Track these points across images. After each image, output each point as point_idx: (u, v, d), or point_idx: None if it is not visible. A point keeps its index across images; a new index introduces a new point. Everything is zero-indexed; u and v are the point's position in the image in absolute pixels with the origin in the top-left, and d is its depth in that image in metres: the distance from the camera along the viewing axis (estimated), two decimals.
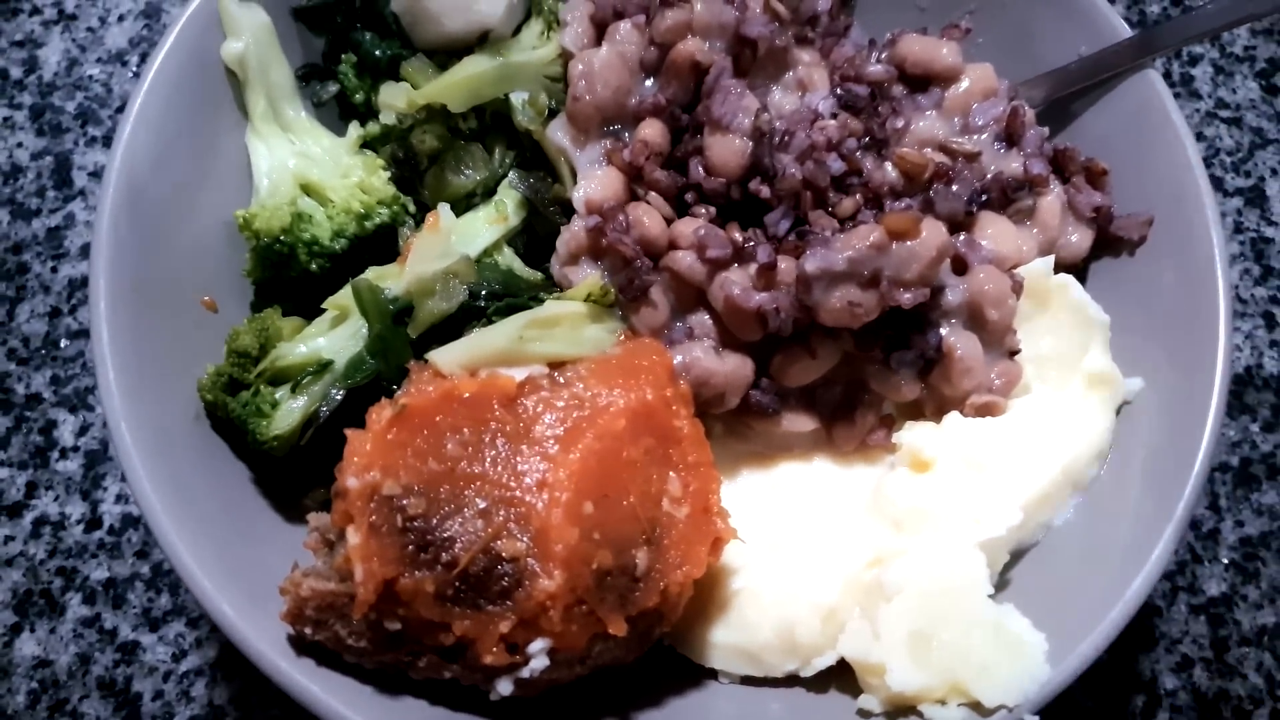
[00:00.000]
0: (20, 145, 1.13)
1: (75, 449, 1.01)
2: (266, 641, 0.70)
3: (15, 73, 1.16)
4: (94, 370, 0.74)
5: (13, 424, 1.01)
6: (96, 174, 1.12)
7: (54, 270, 1.08)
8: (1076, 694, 0.97)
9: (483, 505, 0.68)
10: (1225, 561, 1.04)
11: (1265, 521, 1.06)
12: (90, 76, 1.16)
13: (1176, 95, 1.24)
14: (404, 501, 0.67)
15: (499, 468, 0.70)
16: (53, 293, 1.07)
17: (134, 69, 1.17)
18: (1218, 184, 1.22)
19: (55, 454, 1.01)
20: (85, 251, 1.08)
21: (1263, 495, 1.06)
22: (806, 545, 0.80)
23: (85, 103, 1.15)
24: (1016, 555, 0.83)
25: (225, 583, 0.71)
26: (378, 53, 0.90)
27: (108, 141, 1.13)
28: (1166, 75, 1.26)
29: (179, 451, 0.77)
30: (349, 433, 0.69)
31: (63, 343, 1.05)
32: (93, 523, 0.98)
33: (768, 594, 0.79)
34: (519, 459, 0.70)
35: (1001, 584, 0.81)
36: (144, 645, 0.94)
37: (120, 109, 1.15)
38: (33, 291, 1.07)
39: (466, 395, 0.71)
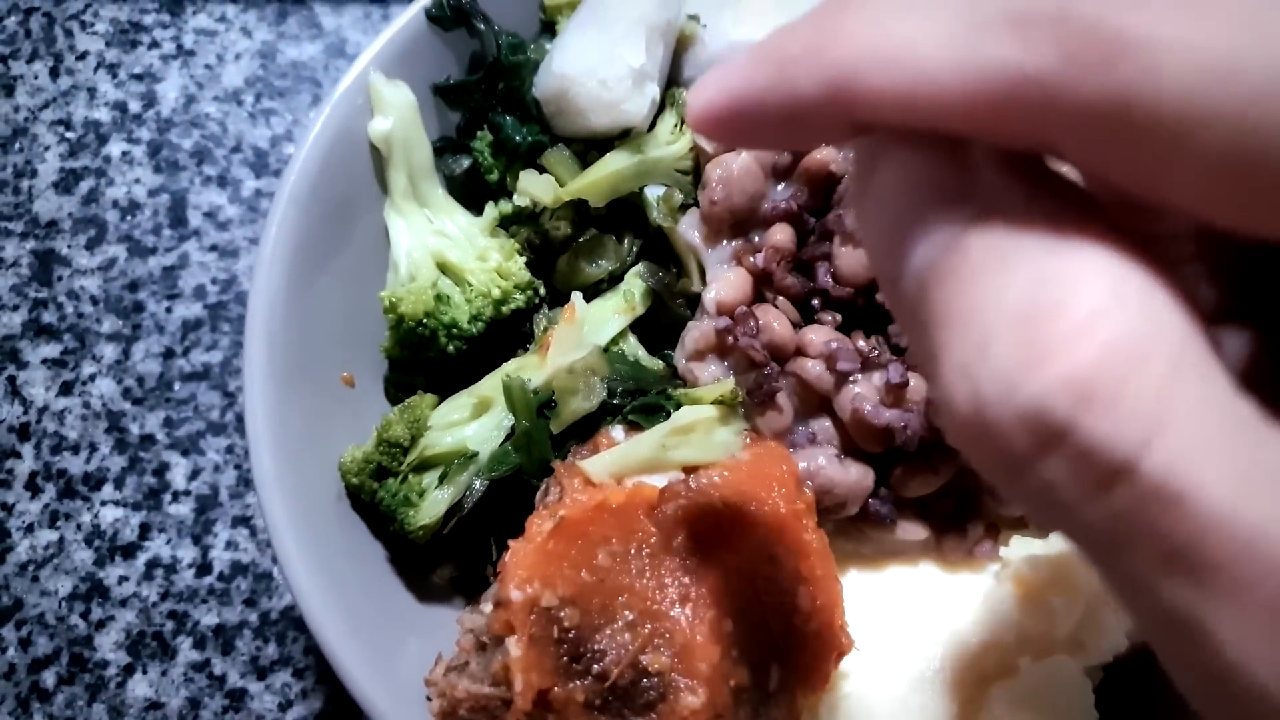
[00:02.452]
0: (138, 181, 1.15)
1: (187, 493, 1.04)
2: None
3: (134, 106, 1.18)
4: (249, 451, 0.77)
5: (128, 464, 1.04)
6: (211, 214, 1.14)
7: (169, 310, 1.10)
8: None
9: (630, 618, 0.71)
10: None
11: None
12: (207, 114, 1.18)
13: None
14: (561, 613, 0.70)
15: (644, 580, 0.73)
16: (167, 333, 1.09)
17: (249, 109, 1.19)
18: None
19: (168, 496, 1.03)
20: (199, 293, 1.11)
21: None
22: (914, 655, 0.84)
23: (201, 141, 1.17)
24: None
25: (371, 667, 0.74)
26: (517, 138, 0.92)
27: (222, 181, 1.15)
28: None
29: (325, 533, 0.80)
30: (512, 544, 0.72)
31: (176, 385, 1.07)
32: (203, 568, 1.01)
33: (875, 703, 0.82)
34: (663, 571, 0.73)
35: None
36: (251, 693, 0.97)
37: (235, 149, 1.17)
38: (148, 331, 1.09)
39: (616, 506, 0.74)
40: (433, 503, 0.79)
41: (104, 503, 1.02)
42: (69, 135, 1.16)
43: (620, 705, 0.71)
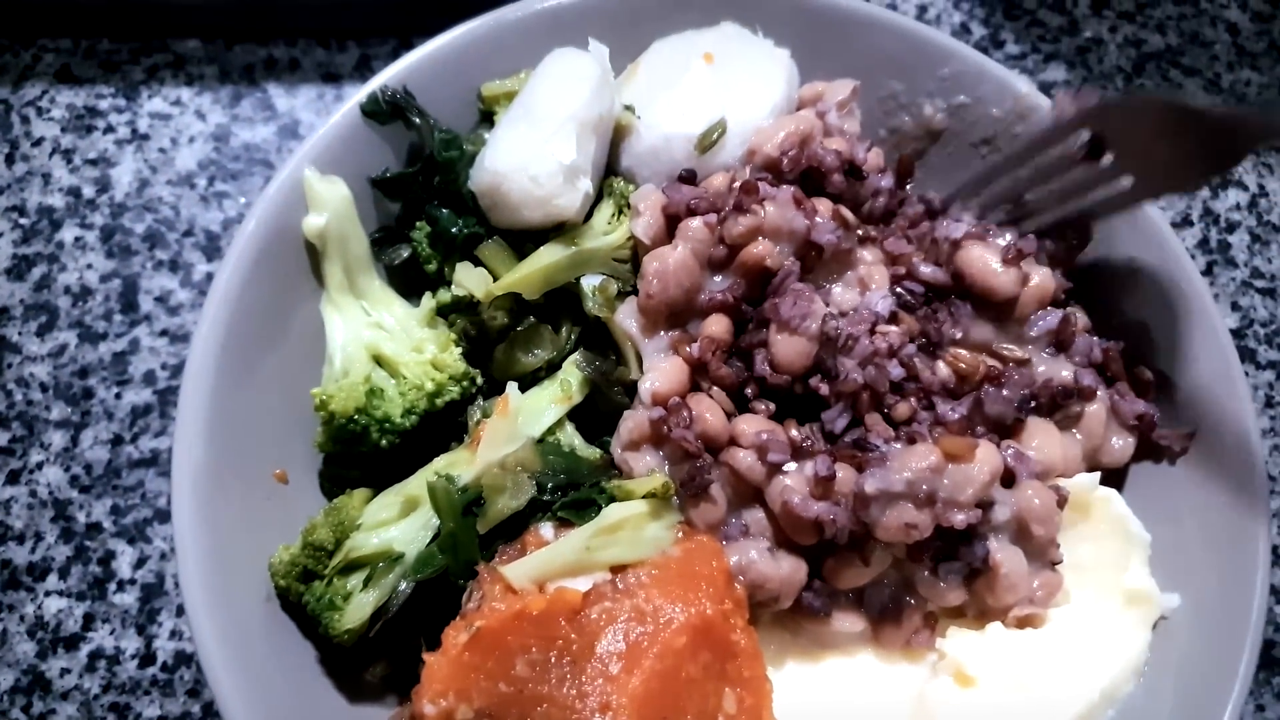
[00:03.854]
0: (90, 266, 1.16)
1: (133, 581, 1.03)
2: None
3: (88, 191, 1.19)
4: (176, 553, 0.77)
5: (73, 553, 1.04)
6: (161, 299, 1.15)
7: (118, 397, 1.10)
8: None
9: None
10: None
11: None
12: (160, 198, 1.19)
13: (1213, 264, 1.28)
14: None
15: (565, 689, 0.72)
16: (115, 419, 1.10)
17: (201, 192, 1.20)
18: (1250, 355, 1.25)
19: (113, 585, 1.03)
20: (148, 378, 1.11)
21: None
22: None
23: (154, 225, 1.18)
24: None
25: None
26: (454, 230, 0.93)
27: (174, 266, 1.16)
28: (1204, 243, 1.30)
29: (252, 634, 0.80)
30: (427, 657, 0.72)
31: (124, 472, 1.07)
32: (147, 658, 1.01)
33: None
34: (584, 678, 0.73)
35: None
36: None
37: (187, 233, 1.18)
38: (97, 418, 1.09)
39: (536, 613, 0.74)
40: (358, 606, 0.79)
41: (48, 593, 1.02)
42: (22, 221, 1.17)
43: None
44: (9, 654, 1.00)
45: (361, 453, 0.89)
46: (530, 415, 0.90)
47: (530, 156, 0.89)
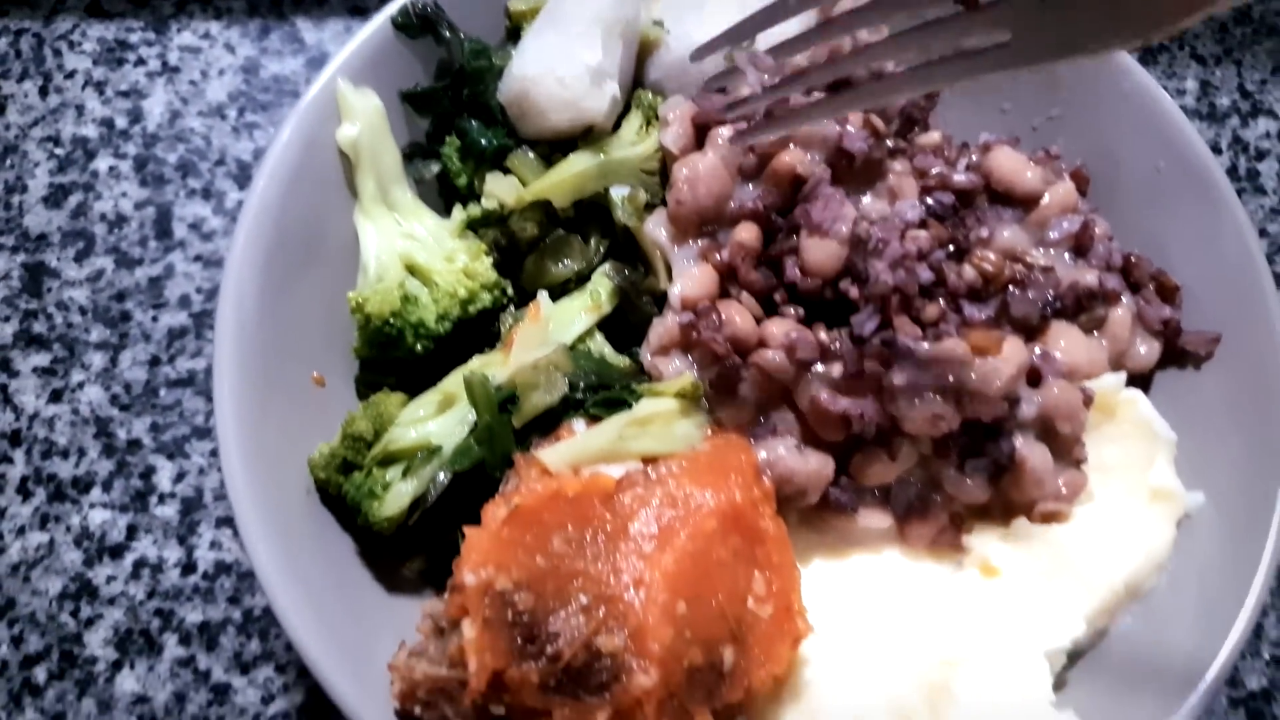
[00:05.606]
0: (125, 195, 1.18)
1: (173, 495, 1.06)
2: (376, 714, 0.75)
3: (121, 122, 1.21)
4: (219, 452, 0.79)
5: (115, 468, 1.07)
6: (195, 225, 1.17)
7: (154, 319, 1.13)
8: None
9: (585, 601, 0.73)
10: (1267, 657, 1.07)
11: None
12: (191, 129, 1.21)
13: (1242, 191, 1.28)
14: (515, 597, 0.72)
15: (599, 565, 0.74)
16: (153, 341, 1.12)
17: (232, 123, 1.22)
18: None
19: (154, 499, 1.06)
20: (184, 302, 1.14)
21: None
22: (877, 640, 0.85)
23: (186, 155, 1.20)
24: (1073, 658, 0.87)
25: (340, 659, 0.76)
26: (483, 141, 0.95)
27: (206, 194, 1.19)
28: (1233, 170, 1.30)
29: (294, 527, 0.82)
30: (467, 530, 0.74)
31: (161, 391, 1.10)
32: (188, 567, 1.03)
33: (839, 687, 0.83)
34: (617, 556, 0.75)
35: (1058, 684, 0.86)
36: (235, 687, 0.99)
37: (219, 162, 1.20)
38: (134, 340, 1.12)
39: (571, 494, 0.76)
40: (396, 495, 0.81)
41: (92, 505, 1.05)
42: (58, 151, 1.19)
43: (574, 686, 0.72)
44: (56, 562, 1.03)
45: (397, 359, 0.91)
46: (560, 323, 0.91)
47: (557, 59, 0.90)
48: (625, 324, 0.96)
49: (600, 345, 0.93)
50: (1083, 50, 0.64)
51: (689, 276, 0.91)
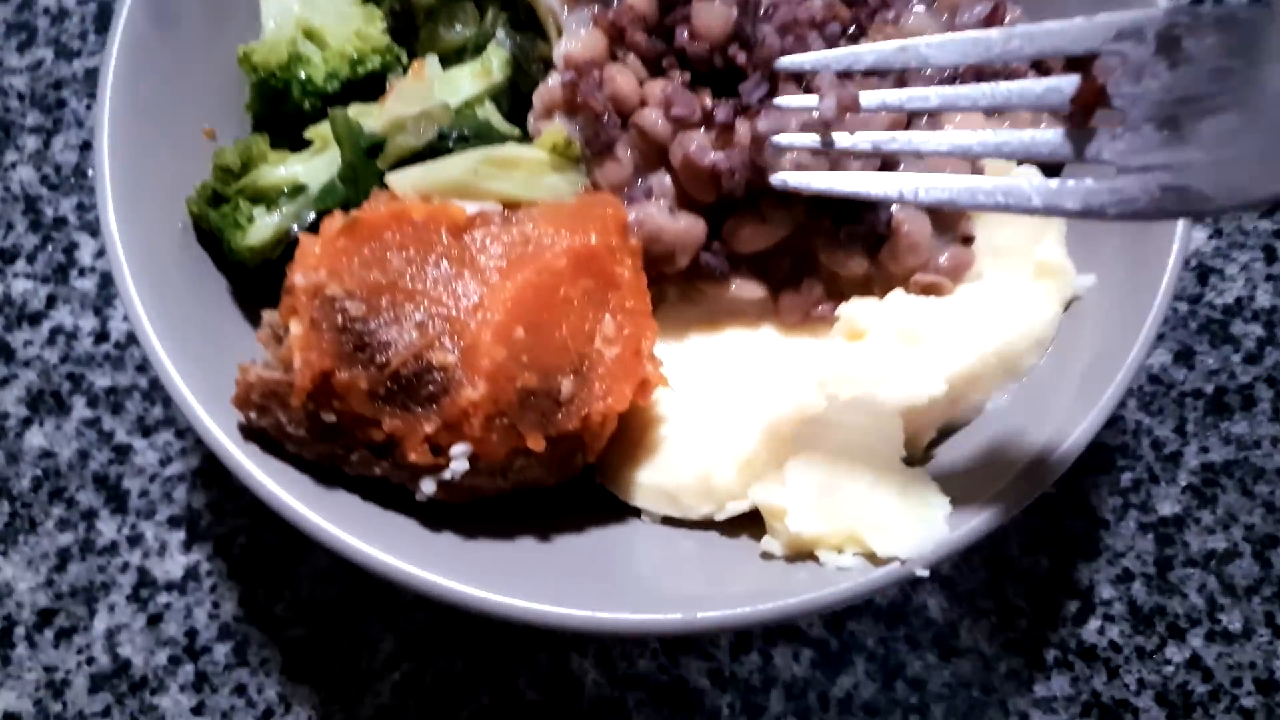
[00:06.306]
0: None
1: (93, 269, 1.09)
2: (222, 430, 0.77)
3: None
4: (94, 190, 0.80)
5: (40, 242, 1.10)
6: None
7: (88, 108, 1.15)
8: (1009, 594, 0.99)
9: (419, 318, 0.73)
10: (1183, 484, 1.04)
11: (1232, 450, 1.05)
12: None
13: None
14: (345, 303, 0.72)
15: (439, 287, 0.74)
16: (85, 127, 1.14)
17: None
18: None
19: (75, 272, 1.09)
20: None
21: (1233, 424, 1.06)
22: (735, 401, 0.84)
23: None
24: (945, 433, 0.85)
25: (196, 379, 0.77)
26: None
27: None
28: None
29: (165, 259, 0.83)
30: (301, 236, 0.74)
31: (90, 172, 1.13)
32: (101, 336, 1.07)
33: (692, 441, 0.83)
34: (459, 282, 0.75)
35: (925, 457, 0.84)
36: (136, 449, 1.02)
37: None
38: (67, 125, 1.15)
39: (417, 218, 0.76)
40: (260, 227, 0.82)
41: (15, 275, 1.09)
42: None
43: (404, 396, 0.73)
44: None
45: (286, 116, 0.92)
46: (449, 86, 0.91)
47: None
48: (522, 101, 0.95)
49: (489, 112, 0.93)
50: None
51: (576, 37, 0.89)
